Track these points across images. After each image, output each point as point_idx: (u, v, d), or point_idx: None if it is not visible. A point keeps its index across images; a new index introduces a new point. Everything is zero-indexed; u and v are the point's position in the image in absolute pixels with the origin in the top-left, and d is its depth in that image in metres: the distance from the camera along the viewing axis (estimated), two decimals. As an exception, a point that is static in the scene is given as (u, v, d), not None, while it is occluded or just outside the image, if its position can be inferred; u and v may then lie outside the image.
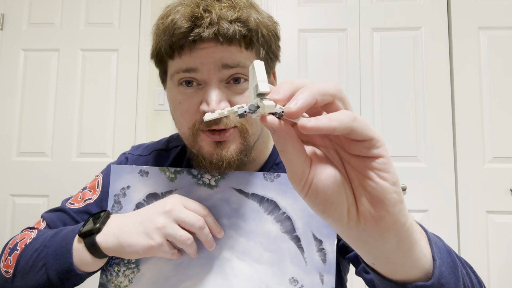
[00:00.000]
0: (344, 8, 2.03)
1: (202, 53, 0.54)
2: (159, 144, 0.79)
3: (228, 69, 0.56)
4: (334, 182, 0.33)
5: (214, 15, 0.52)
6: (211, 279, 0.61)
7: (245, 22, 0.54)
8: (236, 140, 0.60)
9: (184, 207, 0.57)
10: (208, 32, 0.52)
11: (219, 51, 0.54)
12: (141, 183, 0.65)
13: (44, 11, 2.18)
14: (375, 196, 0.32)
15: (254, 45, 0.56)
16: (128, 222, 0.57)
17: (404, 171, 1.90)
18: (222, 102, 0.56)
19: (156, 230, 0.54)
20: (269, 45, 0.59)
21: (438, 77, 1.94)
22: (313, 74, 2.00)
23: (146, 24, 2.16)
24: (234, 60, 0.55)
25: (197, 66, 0.55)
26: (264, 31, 0.58)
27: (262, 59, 0.59)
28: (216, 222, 0.60)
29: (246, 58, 0.56)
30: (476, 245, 1.82)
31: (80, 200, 0.73)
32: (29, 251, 0.61)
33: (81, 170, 2.08)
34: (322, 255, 0.60)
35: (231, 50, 0.55)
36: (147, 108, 2.12)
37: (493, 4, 1.93)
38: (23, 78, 2.15)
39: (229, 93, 0.57)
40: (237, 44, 0.55)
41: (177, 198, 0.58)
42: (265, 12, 0.61)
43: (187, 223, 0.55)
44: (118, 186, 0.66)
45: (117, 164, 0.69)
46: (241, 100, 0.58)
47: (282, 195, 0.62)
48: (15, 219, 2.07)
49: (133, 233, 0.55)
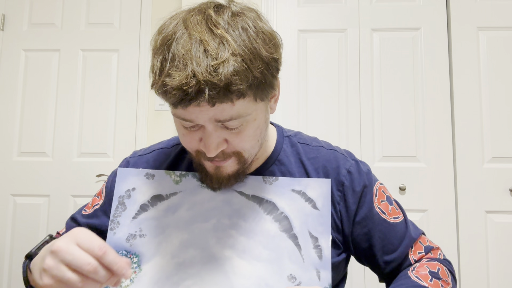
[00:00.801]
0: (344, 8, 2.04)
1: (195, 110, 0.55)
2: (160, 144, 0.81)
3: (221, 122, 0.57)
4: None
5: (202, 82, 0.51)
6: (212, 278, 0.62)
7: (235, 84, 0.52)
8: (233, 165, 0.64)
9: (76, 246, 0.50)
10: (197, 101, 0.53)
11: (211, 110, 0.55)
12: (147, 185, 0.67)
13: (45, 11, 2.19)
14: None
15: (246, 94, 0.56)
16: (38, 257, 0.57)
17: (403, 171, 1.90)
18: (219, 145, 0.59)
19: (43, 272, 0.50)
20: (264, 83, 0.57)
21: (438, 77, 1.94)
22: (312, 75, 2.01)
23: (147, 24, 2.17)
24: (226, 116, 0.56)
25: (192, 119, 0.57)
26: (257, 74, 0.55)
27: (258, 97, 0.59)
28: (120, 261, 0.50)
29: (239, 108, 0.56)
30: (475, 244, 1.82)
31: (90, 206, 0.79)
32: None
33: (81, 170, 2.08)
34: (318, 252, 0.63)
35: (223, 108, 0.55)
36: (148, 108, 2.13)
37: (493, 4, 1.94)
38: (24, 78, 2.16)
39: (226, 133, 0.59)
40: (228, 101, 0.54)
41: (71, 236, 0.51)
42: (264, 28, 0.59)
43: (74, 265, 0.49)
44: (123, 188, 0.67)
45: (124, 168, 0.71)
46: (236, 139, 0.60)
47: (280, 196, 0.66)
48: (15, 219, 2.08)
49: (35, 270, 0.55)
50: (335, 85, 1.99)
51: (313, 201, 0.65)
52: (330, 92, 1.99)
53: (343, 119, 1.96)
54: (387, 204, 0.74)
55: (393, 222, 0.73)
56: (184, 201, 0.67)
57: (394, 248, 0.71)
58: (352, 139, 1.94)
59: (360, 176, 0.72)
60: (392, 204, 0.75)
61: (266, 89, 0.60)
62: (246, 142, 0.62)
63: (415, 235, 0.74)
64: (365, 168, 0.75)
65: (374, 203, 0.72)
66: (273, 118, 1.96)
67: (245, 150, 0.63)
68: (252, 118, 0.60)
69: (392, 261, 0.71)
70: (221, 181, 0.65)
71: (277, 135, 0.77)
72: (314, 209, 0.65)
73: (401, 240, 0.72)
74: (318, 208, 0.65)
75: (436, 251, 0.75)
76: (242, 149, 0.62)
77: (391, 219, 0.73)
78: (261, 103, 0.61)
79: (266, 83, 0.58)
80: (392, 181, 1.89)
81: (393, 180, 1.89)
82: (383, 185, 0.76)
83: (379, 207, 0.72)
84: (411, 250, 0.73)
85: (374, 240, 0.71)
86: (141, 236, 0.65)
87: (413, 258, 0.72)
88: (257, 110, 0.61)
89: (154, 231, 0.65)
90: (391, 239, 0.71)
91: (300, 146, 0.76)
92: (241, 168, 0.65)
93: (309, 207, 0.65)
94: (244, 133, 0.60)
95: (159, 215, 0.66)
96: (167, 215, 0.66)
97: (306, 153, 0.74)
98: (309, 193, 0.66)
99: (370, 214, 0.71)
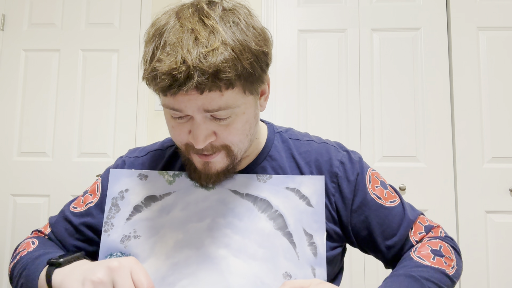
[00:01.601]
0: (344, 8, 2.03)
1: (184, 99, 0.56)
2: (155, 145, 0.82)
3: (209, 112, 0.57)
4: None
5: (191, 68, 0.52)
6: (208, 277, 0.62)
7: (223, 71, 0.53)
8: (222, 160, 0.64)
9: (130, 273, 0.53)
10: (186, 86, 0.53)
11: (199, 99, 0.56)
12: (140, 186, 0.67)
13: (45, 11, 2.19)
14: None
15: (234, 85, 0.56)
16: (80, 268, 0.57)
17: (403, 171, 1.90)
18: (208, 137, 0.60)
19: (91, 283, 0.52)
20: (252, 75, 0.58)
21: (438, 77, 1.94)
22: (312, 75, 2.00)
23: (147, 24, 2.16)
24: (214, 106, 0.57)
25: (181, 108, 0.58)
26: (246, 65, 0.56)
27: (247, 88, 0.60)
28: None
29: (227, 99, 0.57)
30: (475, 244, 1.82)
31: (82, 204, 0.76)
32: (19, 266, 0.67)
33: (81, 170, 2.09)
34: (313, 249, 0.63)
35: (211, 96, 0.55)
36: (148, 108, 2.13)
37: (493, 4, 1.94)
38: (24, 79, 2.16)
39: (214, 125, 0.60)
40: (217, 90, 0.55)
41: (131, 262, 0.54)
42: (255, 24, 0.60)
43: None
44: (116, 190, 0.67)
45: (116, 168, 0.70)
46: (224, 132, 0.60)
47: (275, 194, 0.66)
48: (16, 219, 2.08)
49: (73, 279, 0.55)
50: (335, 85, 1.99)
51: (307, 198, 0.65)
52: (330, 92, 1.99)
53: (343, 119, 1.96)
54: (382, 189, 0.74)
55: (390, 206, 0.73)
56: (178, 201, 0.67)
57: (393, 232, 0.72)
58: (352, 139, 1.94)
59: (353, 165, 0.73)
60: (387, 188, 0.75)
61: (255, 82, 0.60)
62: (235, 136, 0.62)
63: (413, 217, 0.74)
64: (356, 156, 0.75)
65: (369, 189, 0.72)
66: (273, 118, 1.96)
67: (233, 144, 0.63)
68: (241, 111, 0.61)
69: (394, 245, 0.72)
70: (209, 178, 0.65)
71: (268, 131, 0.77)
72: (309, 207, 0.65)
73: (400, 223, 0.72)
74: (313, 205, 0.65)
75: (437, 229, 0.75)
76: (231, 142, 0.62)
77: (387, 203, 0.73)
78: (250, 97, 0.62)
79: (255, 76, 0.59)
80: (392, 181, 1.89)
81: (393, 180, 1.89)
82: (375, 171, 0.76)
83: (374, 193, 0.73)
84: (411, 232, 0.72)
85: (372, 227, 0.71)
86: (136, 237, 0.65)
87: (414, 239, 0.72)
88: (246, 104, 0.61)
89: (149, 232, 0.65)
90: (389, 223, 0.72)
91: (291, 141, 0.76)
92: (230, 164, 0.65)
93: (304, 204, 0.65)
94: (233, 126, 0.61)
95: (153, 215, 0.66)
96: (161, 215, 0.66)
97: (297, 148, 0.75)
98: (303, 190, 0.66)
99: (365, 201, 0.71)
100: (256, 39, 0.58)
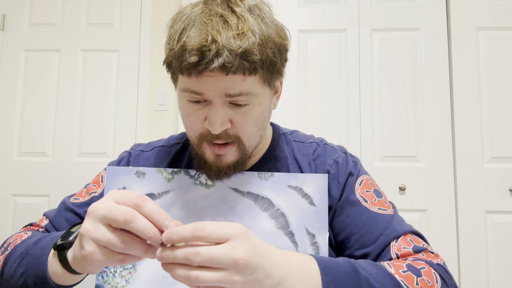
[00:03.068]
0: (344, 8, 2.03)
1: (208, 80, 0.57)
2: (160, 141, 0.81)
3: (230, 97, 0.59)
4: None
5: (220, 45, 0.54)
6: None
7: (251, 53, 0.56)
8: (234, 154, 0.64)
9: (113, 201, 0.47)
10: (213, 65, 0.55)
11: (223, 81, 0.57)
12: (138, 184, 0.66)
13: (45, 11, 2.19)
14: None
15: (257, 71, 0.59)
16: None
17: (403, 171, 1.90)
18: (224, 123, 0.60)
19: (83, 238, 0.47)
20: (274, 65, 0.61)
21: (437, 77, 1.94)
22: (312, 75, 2.00)
23: (147, 24, 2.17)
24: (236, 90, 0.58)
25: (202, 91, 0.59)
26: (269, 53, 0.59)
27: (266, 79, 0.62)
28: (161, 211, 0.47)
29: (249, 85, 0.59)
30: (475, 245, 1.82)
31: (85, 194, 0.74)
32: (15, 255, 0.60)
33: (82, 170, 2.08)
34: (315, 249, 0.62)
35: (235, 80, 0.57)
36: (148, 108, 2.13)
37: (492, 4, 1.94)
38: (24, 79, 2.16)
39: (232, 112, 0.61)
40: (241, 73, 0.57)
41: (109, 194, 0.48)
42: (274, 21, 0.63)
43: (110, 219, 0.45)
44: (113, 187, 0.66)
45: (113, 166, 0.69)
46: (241, 120, 0.62)
47: (276, 192, 0.65)
48: (16, 219, 2.08)
49: (75, 244, 0.51)
50: (335, 85, 1.99)
51: (310, 197, 0.64)
52: (330, 92, 1.99)
53: (343, 119, 1.96)
54: (373, 195, 0.69)
55: (376, 212, 0.66)
56: (177, 200, 0.66)
57: (373, 239, 0.64)
58: (352, 139, 1.94)
59: (347, 166, 0.72)
60: (381, 197, 0.70)
61: (275, 73, 0.63)
62: (249, 126, 0.63)
63: (402, 230, 0.64)
64: (354, 159, 0.75)
65: (356, 190, 0.69)
66: (273, 118, 1.95)
67: (246, 136, 0.63)
68: (258, 102, 0.62)
69: (370, 253, 0.63)
70: (220, 170, 0.65)
71: (273, 132, 0.78)
72: (311, 206, 0.64)
73: (383, 231, 0.64)
74: (315, 205, 0.64)
75: (428, 255, 0.62)
76: (244, 133, 0.63)
77: (374, 209, 0.67)
78: (267, 89, 0.64)
79: (276, 67, 0.62)
80: (392, 181, 1.89)
81: (393, 180, 1.89)
82: (373, 180, 0.73)
83: (362, 195, 0.69)
84: (395, 244, 0.62)
85: (351, 229, 0.66)
86: None
87: (396, 252, 0.62)
88: (264, 95, 0.63)
89: None
90: (370, 229, 0.64)
91: (294, 144, 0.77)
92: (241, 158, 0.65)
93: (306, 203, 0.64)
94: (249, 116, 0.62)
95: None
96: None
97: (300, 150, 0.75)
98: (305, 189, 0.64)
99: (348, 199, 0.68)
100: (278, 33, 0.62)
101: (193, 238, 0.44)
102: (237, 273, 0.44)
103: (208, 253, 0.43)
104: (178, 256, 0.44)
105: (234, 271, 0.44)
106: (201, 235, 0.44)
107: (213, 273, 0.43)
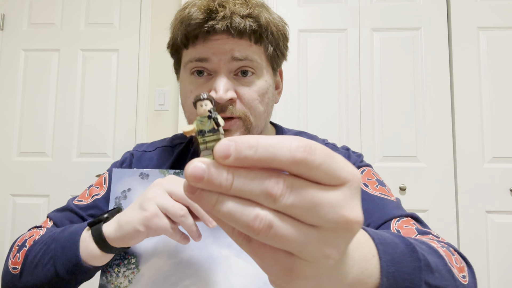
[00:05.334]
0: (344, 8, 2.03)
1: (214, 44, 0.59)
2: (163, 141, 0.81)
3: (237, 61, 0.60)
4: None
5: (227, 9, 0.57)
6: (210, 277, 0.61)
7: (256, 18, 0.59)
8: (239, 130, 0.64)
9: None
10: (221, 24, 0.57)
11: (230, 43, 0.59)
12: (142, 186, 0.67)
13: (44, 11, 2.19)
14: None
15: (263, 41, 0.61)
16: (129, 207, 0.56)
17: (403, 171, 1.90)
18: (229, 92, 0.61)
19: (148, 201, 0.52)
20: (277, 43, 0.64)
21: (438, 77, 1.94)
22: (312, 75, 2.00)
23: (147, 24, 2.16)
24: (243, 54, 0.60)
25: (209, 56, 0.60)
26: (273, 29, 0.62)
27: (269, 55, 0.64)
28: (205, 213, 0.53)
29: (254, 52, 0.61)
30: (475, 245, 1.82)
31: (88, 196, 0.74)
32: (38, 246, 0.60)
33: (81, 170, 2.08)
34: None
35: (241, 44, 0.59)
36: (147, 108, 2.13)
37: (493, 4, 1.94)
38: (23, 78, 2.16)
39: (236, 83, 0.62)
40: (247, 38, 0.59)
41: (166, 180, 0.55)
42: (276, 14, 0.66)
43: (173, 192, 0.52)
44: (119, 189, 0.67)
45: (117, 167, 0.70)
46: (247, 92, 0.63)
47: None
48: (15, 219, 2.07)
49: (129, 211, 0.54)
50: (335, 85, 1.99)
51: None
52: (330, 92, 1.98)
53: (343, 119, 1.96)
54: (375, 182, 0.67)
55: (376, 196, 0.64)
56: None
57: (373, 215, 0.61)
58: (352, 139, 1.94)
59: (349, 159, 0.71)
60: (384, 187, 0.67)
61: (277, 54, 0.65)
62: (255, 102, 0.63)
63: (404, 213, 0.61)
64: (357, 154, 0.74)
65: None
66: (273, 118, 1.96)
67: (253, 113, 0.64)
68: (262, 76, 0.64)
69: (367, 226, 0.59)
70: None
71: (276, 133, 0.78)
72: None
73: (382, 210, 0.61)
74: None
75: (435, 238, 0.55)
76: (250, 106, 0.63)
77: (375, 193, 0.64)
78: (270, 70, 0.66)
79: (278, 47, 0.64)
80: (392, 181, 1.89)
81: (393, 180, 1.89)
82: (376, 172, 0.71)
83: (362, 182, 0.66)
84: (395, 222, 0.58)
85: None
86: None
87: (396, 229, 0.57)
88: (268, 74, 0.65)
89: None
90: (368, 207, 0.62)
91: None
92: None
93: None
94: (253, 87, 0.63)
95: None
96: None
97: None
98: None
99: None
100: (279, 22, 0.66)
101: (289, 162, 0.23)
102: (336, 240, 0.24)
103: (310, 195, 0.23)
104: (251, 184, 0.23)
105: (335, 236, 0.24)
106: (308, 160, 0.23)
107: (297, 228, 0.24)
